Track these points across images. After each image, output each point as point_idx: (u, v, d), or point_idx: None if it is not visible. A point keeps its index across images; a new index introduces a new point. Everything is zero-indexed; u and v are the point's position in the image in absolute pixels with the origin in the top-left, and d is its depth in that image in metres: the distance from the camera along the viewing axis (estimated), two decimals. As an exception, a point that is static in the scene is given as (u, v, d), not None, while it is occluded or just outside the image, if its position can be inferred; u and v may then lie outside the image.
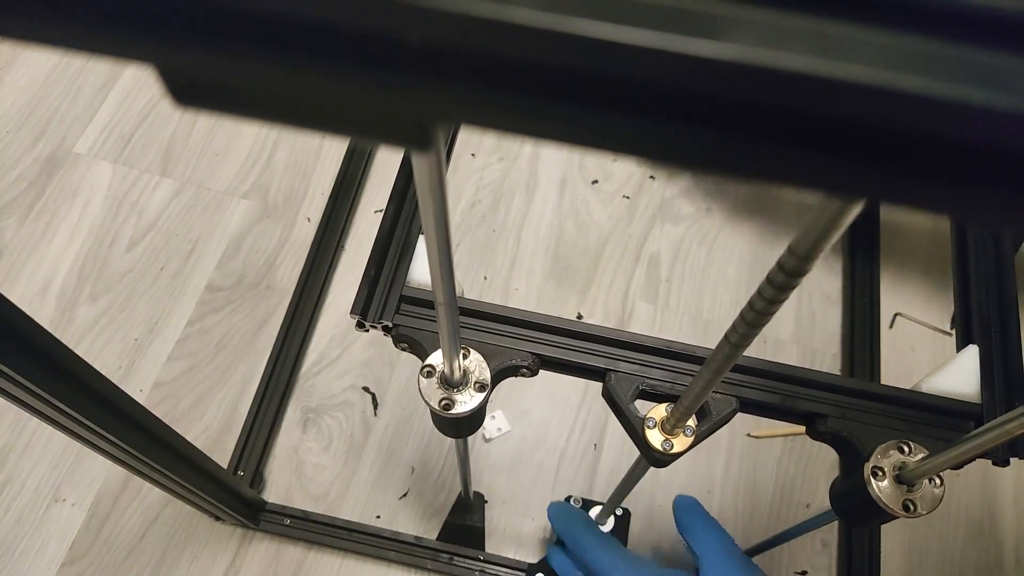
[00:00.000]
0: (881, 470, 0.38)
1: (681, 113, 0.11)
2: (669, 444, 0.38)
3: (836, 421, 0.41)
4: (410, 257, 0.44)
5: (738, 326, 0.26)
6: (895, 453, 0.39)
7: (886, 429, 0.40)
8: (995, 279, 0.47)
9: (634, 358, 0.42)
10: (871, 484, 0.38)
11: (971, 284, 0.47)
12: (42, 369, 0.34)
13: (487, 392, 0.38)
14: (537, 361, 0.42)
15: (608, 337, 0.42)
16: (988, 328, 0.45)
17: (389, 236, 0.44)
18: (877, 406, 0.41)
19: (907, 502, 0.38)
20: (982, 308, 0.46)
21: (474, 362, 0.38)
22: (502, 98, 0.12)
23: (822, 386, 0.42)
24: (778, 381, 0.42)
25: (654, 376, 0.41)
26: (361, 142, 0.40)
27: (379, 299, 0.42)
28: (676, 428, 0.38)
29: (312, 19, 0.11)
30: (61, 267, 0.82)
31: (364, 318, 0.42)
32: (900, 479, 0.38)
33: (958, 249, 0.49)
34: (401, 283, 0.43)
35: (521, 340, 0.42)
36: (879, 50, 0.10)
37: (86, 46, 0.12)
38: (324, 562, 0.70)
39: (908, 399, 0.42)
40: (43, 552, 0.68)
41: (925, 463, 0.37)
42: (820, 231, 0.19)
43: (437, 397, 0.37)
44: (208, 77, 0.13)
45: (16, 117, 0.90)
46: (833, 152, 0.11)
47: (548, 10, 0.10)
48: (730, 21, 0.10)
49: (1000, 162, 0.11)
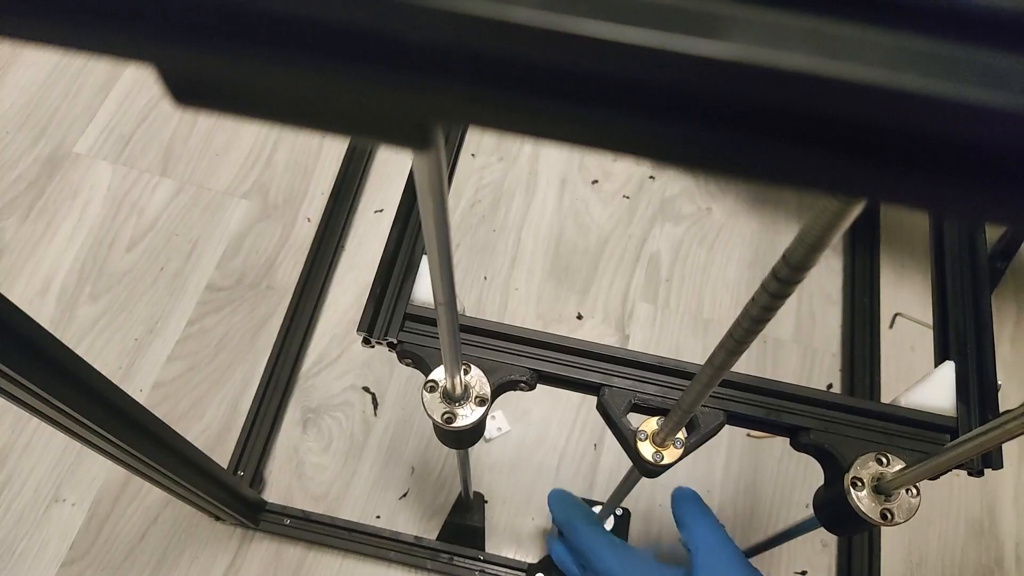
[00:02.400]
0: (861, 481, 0.40)
1: (681, 113, 0.11)
2: (660, 456, 0.40)
3: (818, 434, 0.43)
4: (414, 276, 0.45)
5: (736, 329, 0.26)
6: (874, 464, 0.41)
7: (866, 441, 0.42)
8: (971, 297, 0.49)
9: (627, 373, 0.44)
10: (851, 494, 0.40)
11: (948, 302, 0.49)
12: (42, 369, 0.34)
13: (487, 406, 0.40)
14: (535, 376, 0.44)
15: (602, 353, 0.44)
16: (964, 345, 0.47)
17: (394, 256, 0.46)
18: (857, 419, 0.43)
19: (885, 511, 0.39)
20: (958, 325, 0.48)
21: (475, 377, 0.40)
22: (502, 98, 0.12)
23: (805, 400, 0.44)
24: (763, 395, 0.44)
25: (646, 391, 0.43)
26: (361, 142, 0.41)
27: (384, 317, 0.44)
28: (667, 440, 0.40)
29: (312, 18, 0.11)
30: (61, 267, 0.82)
31: (370, 335, 0.43)
32: (878, 489, 0.40)
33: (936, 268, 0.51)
34: (405, 301, 0.44)
35: (519, 356, 0.44)
36: (879, 49, 0.10)
37: (86, 46, 0.12)
38: (324, 562, 0.70)
39: (887, 413, 0.44)
40: (43, 552, 0.68)
41: (902, 474, 0.38)
42: (819, 232, 0.19)
43: (440, 411, 0.39)
44: (208, 77, 0.13)
45: (16, 117, 0.90)
46: (833, 152, 0.11)
47: (548, 9, 0.10)
48: (730, 20, 0.10)
49: (1000, 162, 0.11)
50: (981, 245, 0.51)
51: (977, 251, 0.50)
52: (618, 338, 0.82)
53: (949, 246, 0.51)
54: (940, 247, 0.51)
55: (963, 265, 0.50)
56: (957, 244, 0.51)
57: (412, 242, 0.47)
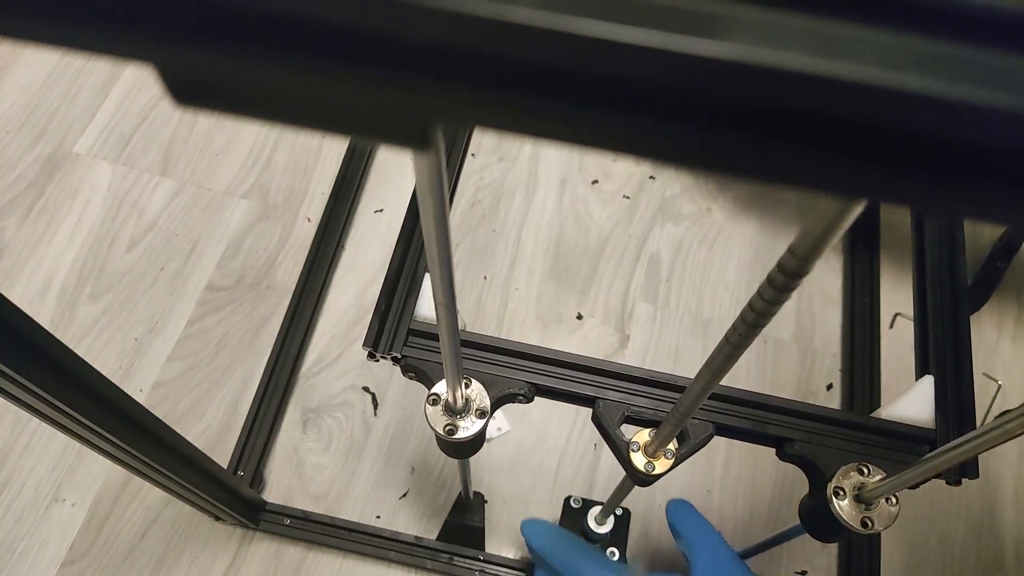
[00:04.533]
0: (842, 490, 0.42)
1: (681, 113, 0.11)
2: (652, 466, 0.42)
3: (802, 445, 0.45)
4: (417, 293, 0.47)
5: (738, 327, 0.26)
6: (855, 475, 0.43)
7: (848, 452, 0.44)
8: (951, 315, 0.52)
9: (621, 387, 0.46)
10: (833, 503, 0.42)
11: (929, 319, 0.52)
12: (42, 369, 0.34)
13: (487, 418, 0.41)
14: (532, 389, 0.46)
15: (597, 367, 0.46)
16: (943, 360, 0.49)
17: (398, 274, 0.48)
18: (840, 431, 0.45)
19: (865, 519, 0.41)
20: (938, 342, 0.50)
21: (475, 391, 0.42)
22: (502, 98, 0.12)
23: (790, 412, 0.46)
24: (750, 408, 0.46)
25: (639, 403, 0.45)
26: (361, 142, 0.41)
27: (389, 332, 0.46)
28: (658, 451, 0.41)
29: (312, 18, 0.11)
30: (61, 267, 0.82)
31: (375, 349, 0.45)
32: (859, 498, 0.42)
33: (917, 286, 0.54)
34: (409, 318, 0.46)
35: (518, 370, 0.46)
36: (879, 49, 0.10)
37: (86, 45, 0.12)
38: (324, 562, 0.70)
39: (868, 425, 0.46)
40: (43, 552, 0.68)
41: (882, 484, 0.40)
42: (820, 232, 0.19)
43: (442, 423, 0.41)
44: (208, 76, 0.13)
45: (16, 117, 0.90)
46: (833, 152, 0.11)
47: (547, 9, 0.10)
48: (730, 20, 0.10)
49: (999, 162, 0.11)
50: (961, 265, 0.53)
51: (957, 271, 0.53)
52: (618, 338, 0.82)
53: (930, 266, 0.54)
54: (921, 267, 0.54)
55: (943, 284, 0.53)
56: (938, 264, 0.54)
57: (416, 259, 0.49)
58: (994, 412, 0.75)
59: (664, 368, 0.81)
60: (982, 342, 0.84)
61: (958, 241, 0.54)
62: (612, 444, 0.44)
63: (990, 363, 0.83)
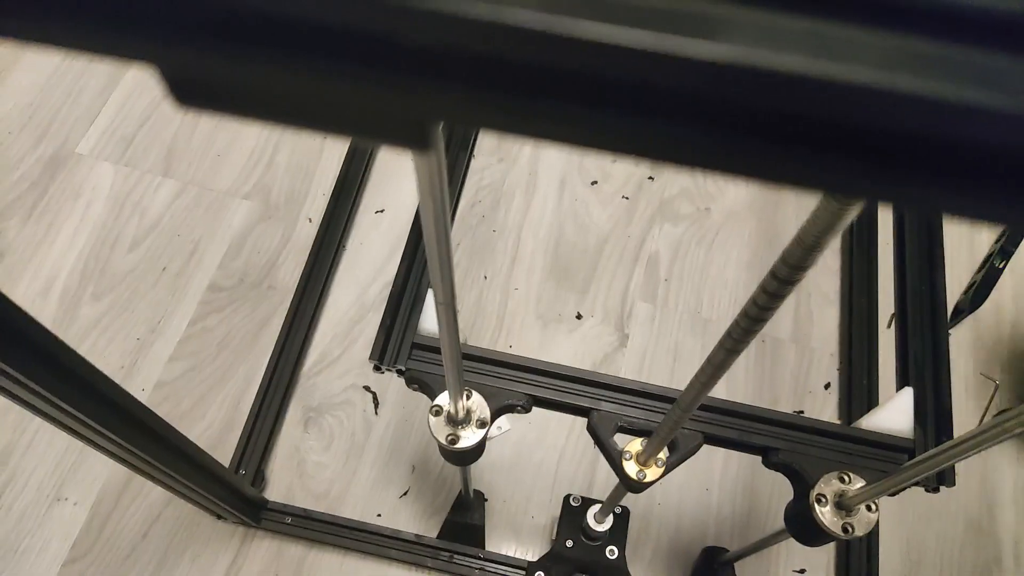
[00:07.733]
0: (824, 497, 0.44)
1: (680, 113, 0.11)
2: (643, 474, 0.44)
3: (786, 454, 0.47)
4: (420, 309, 0.49)
5: (735, 328, 0.26)
6: (836, 482, 0.45)
7: (830, 461, 0.46)
8: (930, 330, 0.54)
9: (614, 398, 0.48)
10: (815, 509, 0.44)
11: (908, 334, 0.54)
12: (44, 369, 0.34)
13: (487, 428, 0.43)
14: (530, 400, 0.47)
15: (592, 380, 0.48)
16: (922, 373, 0.52)
17: (402, 290, 0.50)
18: (823, 440, 0.47)
19: (846, 525, 0.43)
20: (917, 356, 0.53)
21: (476, 402, 0.44)
22: (502, 99, 0.12)
23: (775, 422, 0.48)
24: (737, 418, 0.48)
25: (631, 414, 0.47)
26: (362, 142, 0.41)
27: (394, 346, 0.48)
28: (649, 460, 0.43)
29: (313, 20, 0.11)
30: (63, 267, 0.82)
31: (380, 362, 0.47)
32: (840, 505, 0.44)
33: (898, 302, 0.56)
34: (413, 332, 0.48)
35: (516, 382, 0.48)
36: (877, 51, 0.10)
37: (88, 47, 0.12)
38: (325, 560, 0.70)
39: (850, 435, 0.48)
40: (45, 551, 0.69)
41: (863, 491, 0.42)
42: (813, 239, 0.19)
43: (444, 433, 0.43)
44: (209, 78, 0.13)
45: (19, 118, 0.91)
46: (832, 152, 0.11)
47: (546, 12, 0.10)
48: (727, 23, 0.10)
49: (998, 162, 0.11)
50: (940, 283, 0.56)
51: (936, 288, 0.56)
52: (617, 337, 0.82)
53: (911, 283, 0.56)
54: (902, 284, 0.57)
55: (923, 300, 0.55)
56: (918, 281, 0.56)
57: (419, 276, 0.51)
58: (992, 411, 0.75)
59: (663, 366, 0.81)
60: (981, 342, 0.84)
61: (937, 259, 0.57)
62: (606, 453, 0.46)
63: (989, 363, 0.83)
